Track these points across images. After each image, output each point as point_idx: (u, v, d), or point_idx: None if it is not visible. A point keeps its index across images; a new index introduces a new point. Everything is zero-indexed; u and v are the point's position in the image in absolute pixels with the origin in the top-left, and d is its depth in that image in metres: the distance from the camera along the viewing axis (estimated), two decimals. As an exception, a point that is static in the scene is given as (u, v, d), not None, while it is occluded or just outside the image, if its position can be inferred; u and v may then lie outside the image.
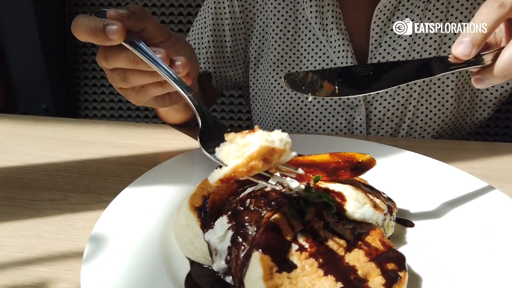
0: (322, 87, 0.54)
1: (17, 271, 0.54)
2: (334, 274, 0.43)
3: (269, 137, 0.43)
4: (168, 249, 0.55)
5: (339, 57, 0.93)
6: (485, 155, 0.82)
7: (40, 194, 0.71)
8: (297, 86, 0.55)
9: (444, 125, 0.99)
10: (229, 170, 0.42)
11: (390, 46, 0.92)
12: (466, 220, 0.59)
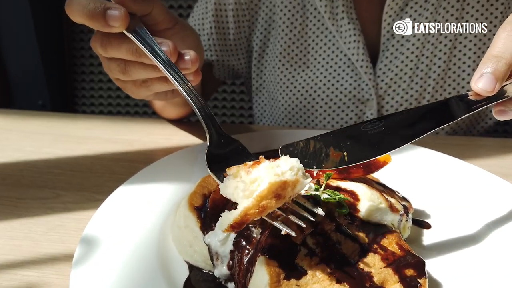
0: (328, 156, 0.46)
1: (2, 275, 0.50)
2: (347, 281, 0.39)
3: (278, 168, 0.38)
4: (165, 252, 0.51)
5: (349, 48, 0.88)
6: (501, 152, 0.78)
7: (30, 192, 0.67)
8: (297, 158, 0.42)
9: (459, 121, 0.95)
10: (239, 214, 0.38)
11: (404, 38, 0.87)
12: (485, 220, 0.55)
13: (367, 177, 0.57)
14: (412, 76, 0.90)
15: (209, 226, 0.48)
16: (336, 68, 0.92)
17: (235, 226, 0.38)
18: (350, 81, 0.92)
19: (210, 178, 0.57)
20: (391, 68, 0.90)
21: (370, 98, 0.92)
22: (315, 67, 0.94)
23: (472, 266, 0.48)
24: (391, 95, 0.92)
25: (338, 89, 0.93)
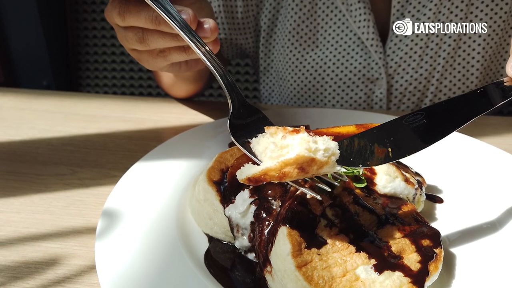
0: (373, 153, 0.45)
1: (26, 247, 0.51)
2: (366, 250, 0.41)
3: (313, 144, 0.38)
4: (185, 224, 0.52)
5: (359, 26, 0.88)
6: (509, 130, 0.79)
7: (47, 169, 0.68)
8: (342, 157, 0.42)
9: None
10: (260, 171, 0.38)
11: (414, 16, 0.87)
12: (495, 195, 0.56)
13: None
14: (422, 55, 0.90)
15: (228, 199, 0.49)
16: (346, 47, 0.92)
17: (252, 180, 0.39)
18: (360, 60, 0.92)
19: (227, 153, 0.58)
20: (401, 47, 0.89)
21: (380, 77, 0.92)
22: (325, 46, 0.93)
23: (484, 239, 0.49)
24: (400, 74, 0.92)
25: (347, 68, 0.93)
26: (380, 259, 0.40)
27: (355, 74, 0.93)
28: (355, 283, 0.38)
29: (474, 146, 0.67)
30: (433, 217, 0.54)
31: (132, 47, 0.59)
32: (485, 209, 0.54)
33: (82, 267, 0.48)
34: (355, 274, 0.39)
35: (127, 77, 2.01)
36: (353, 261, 0.40)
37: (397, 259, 0.41)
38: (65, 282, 0.46)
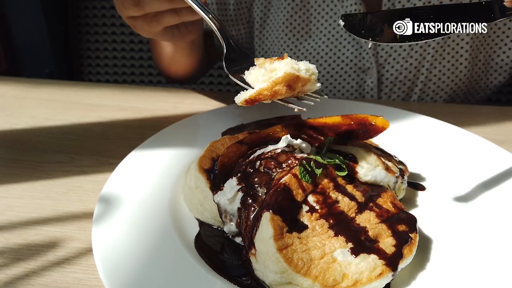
0: (383, 32, 0.49)
1: (28, 231, 0.54)
2: (344, 234, 0.43)
3: (296, 65, 0.45)
4: (177, 210, 0.55)
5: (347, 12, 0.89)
6: (498, 119, 0.81)
7: (47, 156, 0.71)
8: (355, 29, 0.49)
9: (457, 89, 0.97)
10: (254, 93, 0.45)
11: (405, 6, 0.88)
12: (477, 183, 0.58)
13: (367, 142, 0.59)
14: (412, 45, 0.91)
15: (218, 186, 0.51)
16: (338, 37, 0.93)
17: (249, 101, 0.46)
18: (351, 49, 0.93)
19: (218, 143, 0.60)
20: None
21: (371, 67, 0.93)
22: (317, 37, 0.95)
23: (461, 225, 0.52)
24: (391, 63, 0.93)
25: (340, 57, 0.95)
26: (357, 242, 0.43)
27: (347, 63, 0.95)
28: (332, 265, 0.41)
29: (460, 135, 0.69)
30: (414, 204, 0.57)
31: (129, 14, 0.63)
32: (465, 197, 0.57)
33: (80, 249, 0.51)
34: (332, 257, 0.42)
35: (128, 64, 2.03)
36: (331, 245, 0.43)
37: (373, 243, 0.43)
38: (64, 263, 0.49)
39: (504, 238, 0.48)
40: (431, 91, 0.97)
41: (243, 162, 0.53)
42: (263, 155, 0.52)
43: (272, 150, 0.52)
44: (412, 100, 0.99)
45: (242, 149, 0.56)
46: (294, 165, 0.48)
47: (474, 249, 0.48)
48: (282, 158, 0.50)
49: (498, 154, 0.63)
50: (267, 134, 0.57)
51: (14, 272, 0.48)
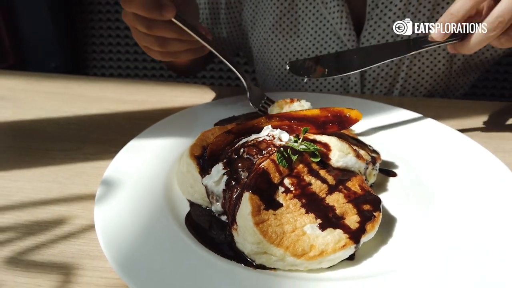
0: (316, 71, 0.69)
1: (37, 210, 0.61)
2: (314, 212, 0.49)
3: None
4: (171, 192, 0.61)
5: (334, 17, 0.95)
6: (473, 113, 0.86)
7: (55, 145, 0.78)
8: (297, 71, 0.70)
9: (436, 85, 1.02)
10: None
11: (387, 8, 0.93)
12: (447, 171, 0.64)
13: (344, 132, 0.65)
14: None
15: (206, 171, 0.57)
16: (324, 37, 0.99)
17: None
18: (336, 48, 0.99)
19: (209, 132, 0.66)
20: (374, 36, 0.96)
21: None
22: (304, 36, 1.00)
23: (425, 208, 0.58)
24: None
25: None
26: (325, 219, 0.49)
27: None
28: (302, 237, 0.47)
29: (433, 127, 0.75)
30: (384, 188, 0.62)
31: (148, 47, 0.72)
32: (432, 183, 0.63)
33: (83, 226, 0.57)
34: (302, 230, 0.48)
35: (131, 59, 2.09)
36: (302, 220, 0.49)
37: (339, 220, 0.49)
38: (69, 237, 0.55)
39: (462, 220, 0.54)
40: (411, 87, 1.02)
41: (229, 150, 0.59)
42: (246, 143, 0.58)
43: (255, 138, 0.58)
44: (393, 95, 1.04)
45: (229, 138, 0.62)
46: (273, 152, 0.54)
47: (435, 228, 0.54)
48: (262, 146, 0.56)
49: (468, 145, 0.69)
50: (252, 125, 0.63)
51: (26, 244, 0.54)
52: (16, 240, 0.55)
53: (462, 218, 0.54)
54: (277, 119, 0.63)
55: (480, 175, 0.62)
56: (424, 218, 0.56)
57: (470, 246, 0.49)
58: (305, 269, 0.47)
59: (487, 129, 0.80)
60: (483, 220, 0.53)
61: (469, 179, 0.61)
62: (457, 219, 0.54)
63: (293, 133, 0.59)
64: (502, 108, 0.88)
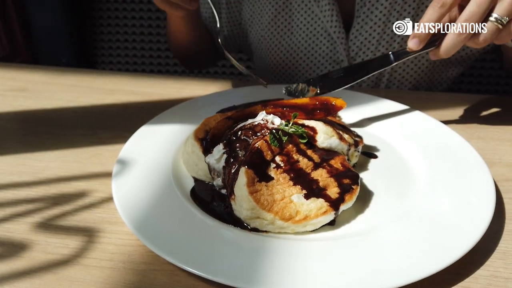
0: (309, 91, 0.79)
1: (61, 185, 0.69)
2: (300, 184, 0.58)
3: None
4: (177, 170, 0.70)
5: (325, 15, 1.03)
6: (456, 105, 0.94)
7: (74, 131, 0.86)
8: (292, 94, 0.81)
9: (420, 79, 1.10)
10: None
11: (374, 6, 1.01)
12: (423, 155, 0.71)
13: (331, 119, 0.73)
14: (379, 40, 1.04)
15: (208, 151, 0.66)
16: (316, 34, 1.07)
17: None
18: (327, 44, 1.07)
19: (211, 118, 0.75)
20: (362, 33, 1.04)
21: (344, 59, 1.07)
22: (298, 33, 1.09)
23: (401, 184, 0.66)
24: (361, 56, 1.07)
25: (317, 51, 1.08)
26: (309, 190, 0.57)
27: (323, 56, 1.08)
28: (289, 204, 0.56)
29: (417, 117, 0.83)
30: (365, 168, 0.71)
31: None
32: (409, 164, 0.71)
33: (102, 198, 0.66)
34: (290, 199, 0.56)
35: (138, 55, 2.18)
36: (290, 191, 0.57)
37: (322, 191, 0.58)
38: (90, 207, 0.64)
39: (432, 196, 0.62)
40: (396, 80, 1.10)
41: (229, 133, 0.67)
42: (243, 126, 0.66)
43: (251, 122, 0.66)
44: (381, 87, 1.12)
45: (229, 123, 0.70)
46: (266, 134, 0.63)
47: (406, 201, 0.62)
48: (257, 129, 0.64)
49: (445, 132, 0.76)
50: (249, 111, 0.72)
51: (54, 212, 0.63)
52: (45, 209, 0.64)
53: (432, 194, 0.62)
54: (271, 107, 0.71)
55: (452, 157, 0.69)
56: (398, 193, 0.64)
57: (432, 216, 0.57)
58: (292, 231, 0.56)
59: (465, 119, 0.88)
60: (448, 194, 0.61)
61: (442, 161, 0.69)
62: (428, 195, 0.62)
63: (285, 119, 0.67)
64: (479, 100, 0.96)
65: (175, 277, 0.52)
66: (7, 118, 0.92)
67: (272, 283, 0.47)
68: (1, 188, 0.69)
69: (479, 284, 0.51)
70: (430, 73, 1.10)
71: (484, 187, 0.61)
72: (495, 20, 0.64)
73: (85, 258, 0.55)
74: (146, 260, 0.54)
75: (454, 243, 0.52)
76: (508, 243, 0.57)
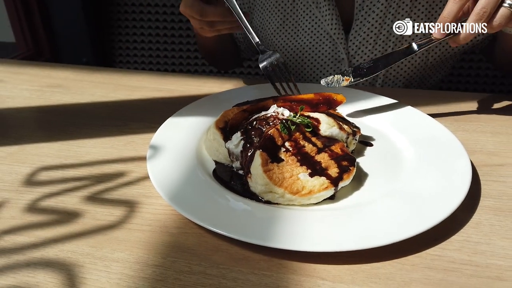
0: (343, 80, 0.90)
1: (102, 166, 0.82)
2: (306, 165, 0.69)
3: None
4: (201, 155, 0.81)
5: (326, 19, 1.15)
6: (445, 101, 1.04)
7: (107, 122, 0.99)
8: (329, 84, 0.91)
9: (413, 75, 1.21)
10: None
11: (371, 9, 1.13)
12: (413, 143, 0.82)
13: (333, 112, 0.85)
14: (376, 40, 1.16)
15: (228, 138, 0.78)
16: (319, 35, 1.19)
17: None
18: (329, 45, 1.19)
19: (229, 111, 0.86)
20: (360, 34, 1.16)
21: (344, 58, 1.19)
22: (303, 35, 1.21)
23: (393, 168, 0.77)
24: (360, 55, 1.18)
25: (320, 51, 1.20)
26: (313, 170, 0.68)
27: (326, 56, 1.20)
28: (296, 181, 0.67)
29: (409, 112, 0.94)
30: (362, 154, 0.82)
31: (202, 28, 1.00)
32: (400, 152, 0.81)
33: (138, 177, 0.78)
34: (297, 177, 0.68)
35: (154, 55, 2.31)
36: (297, 170, 0.68)
37: (324, 171, 0.69)
38: (129, 184, 0.76)
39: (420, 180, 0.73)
40: (392, 76, 1.21)
41: (245, 123, 0.79)
42: (258, 118, 0.78)
43: (264, 114, 0.78)
44: (377, 85, 1.24)
45: (245, 115, 0.82)
46: (277, 123, 0.74)
47: (397, 180, 0.73)
48: (270, 119, 0.76)
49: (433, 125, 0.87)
50: (262, 105, 0.83)
51: (98, 188, 0.75)
52: (90, 185, 0.76)
53: (417, 174, 0.73)
54: (281, 101, 0.83)
55: (437, 146, 0.80)
56: (389, 174, 0.75)
57: (416, 191, 0.68)
58: (298, 203, 0.67)
59: (452, 114, 0.99)
60: (431, 174, 0.72)
61: (428, 149, 0.80)
62: (414, 175, 0.73)
63: (293, 111, 0.79)
64: (465, 97, 1.07)
65: (202, 238, 0.64)
66: (48, 111, 1.05)
67: (281, 239, 0.58)
68: (51, 169, 0.81)
69: (453, 247, 0.62)
70: (422, 69, 1.21)
71: (462, 168, 0.72)
72: (509, 5, 0.74)
73: (128, 223, 0.67)
74: (178, 225, 0.66)
75: (433, 212, 0.63)
76: (481, 215, 0.68)
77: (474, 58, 1.91)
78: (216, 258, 0.60)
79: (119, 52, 2.35)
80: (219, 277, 0.57)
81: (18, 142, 0.91)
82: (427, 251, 0.61)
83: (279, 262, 0.59)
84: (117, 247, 0.62)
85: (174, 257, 0.60)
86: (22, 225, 0.67)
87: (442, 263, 0.59)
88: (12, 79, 1.25)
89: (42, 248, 0.62)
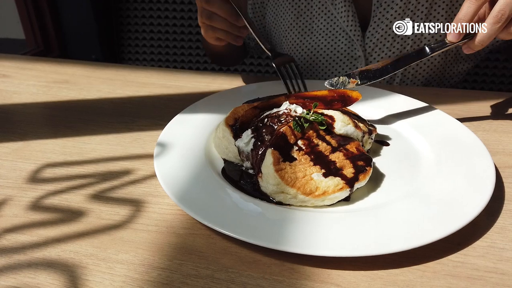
0: (349, 83, 0.83)
1: (108, 164, 0.79)
2: (319, 164, 0.66)
3: None
4: (210, 153, 0.78)
5: (342, 17, 1.11)
6: (466, 100, 1.00)
7: (114, 118, 0.96)
8: (334, 86, 0.84)
9: (433, 73, 1.17)
10: None
11: (389, 6, 1.08)
12: (432, 142, 0.78)
13: (348, 109, 0.81)
14: (394, 37, 1.11)
15: (238, 135, 0.75)
16: (334, 33, 1.15)
17: None
18: (345, 42, 1.15)
19: (239, 108, 0.83)
20: (378, 31, 1.12)
21: (361, 55, 1.15)
22: (318, 33, 1.17)
23: (409, 168, 0.73)
24: (377, 52, 1.14)
25: (335, 49, 1.16)
26: (328, 170, 0.65)
27: (342, 53, 1.16)
28: (310, 181, 0.64)
29: (426, 109, 0.90)
30: (378, 153, 0.78)
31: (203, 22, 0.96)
32: (418, 151, 0.78)
33: (145, 175, 0.75)
34: (310, 177, 0.64)
35: (162, 52, 2.29)
36: (310, 170, 0.65)
37: (339, 171, 0.65)
38: (135, 183, 0.73)
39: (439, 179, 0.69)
40: (410, 75, 1.17)
41: (256, 120, 0.76)
42: (269, 115, 0.75)
43: (276, 111, 0.75)
44: (395, 83, 1.19)
45: (256, 112, 0.79)
46: (290, 121, 0.71)
47: (414, 181, 0.69)
48: (282, 117, 0.73)
49: (453, 124, 0.83)
50: (274, 102, 0.80)
51: (104, 186, 0.73)
52: (96, 183, 0.74)
53: (438, 176, 0.69)
54: (293, 98, 0.79)
55: (458, 146, 0.76)
56: (408, 175, 0.71)
57: (437, 194, 0.65)
58: (311, 205, 0.64)
59: (473, 113, 0.95)
60: (453, 176, 0.68)
61: (448, 149, 0.76)
62: (434, 176, 0.69)
63: (306, 108, 0.75)
64: (487, 96, 1.02)
65: (211, 239, 0.61)
66: (55, 107, 1.03)
67: (293, 243, 0.55)
68: (56, 166, 0.79)
69: (477, 253, 0.58)
70: (442, 67, 1.17)
71: (485, 170, 0.68)
72: None
73: (134, 223, 0.64)
74: (185, 226, 0.63)
75: (455, 217, 0.59)
76: (506, 220, 0.64)
77: (500, 58, 1.85)
78: (225, 262, 0.57)
79: (128, 49, 2.34)
80: (227, 282, 0.54)
81: (23, 138, 0.89)
82: (449, 258, 0.57)
83: (291, 267, 0.56)
84: (122, 248, 0.59)
85: (181, 259, 0.57)
86: (25, 223, 0.64)
87: (465, 270, 0.55)
88: (19, 75, 1.23)
89: (44, 247, 0.59)
